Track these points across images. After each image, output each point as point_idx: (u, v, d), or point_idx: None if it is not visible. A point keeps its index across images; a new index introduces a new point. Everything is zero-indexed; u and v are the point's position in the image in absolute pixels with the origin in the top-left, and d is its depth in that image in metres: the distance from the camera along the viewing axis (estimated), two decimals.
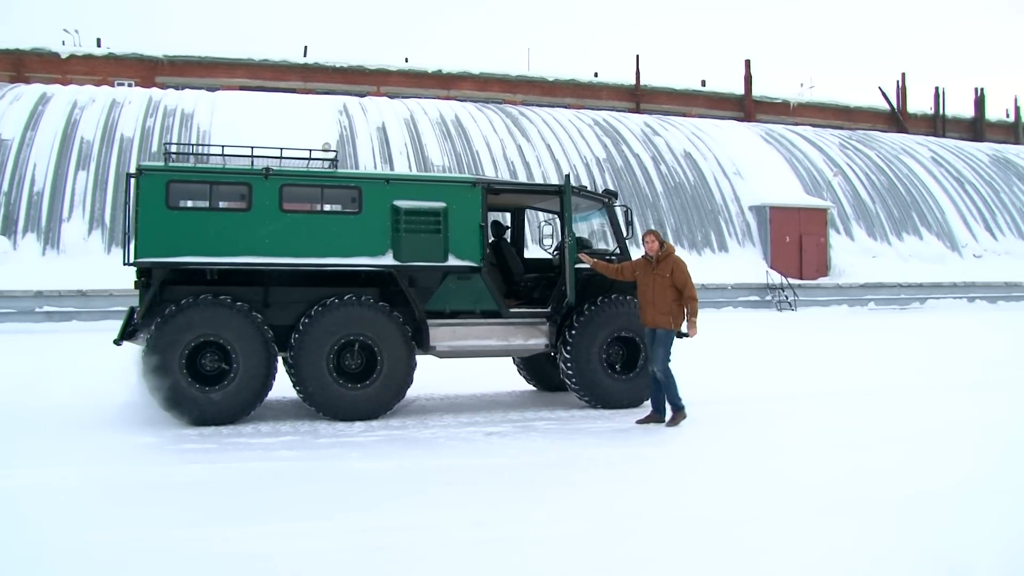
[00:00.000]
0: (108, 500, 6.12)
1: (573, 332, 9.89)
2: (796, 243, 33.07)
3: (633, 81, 51.33)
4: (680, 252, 11.27)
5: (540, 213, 12.67)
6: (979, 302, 32.90)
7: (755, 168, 36.37)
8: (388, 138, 32.25)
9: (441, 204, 9.57)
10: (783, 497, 6.10)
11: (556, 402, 10.48)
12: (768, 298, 30.27)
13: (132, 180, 9.06)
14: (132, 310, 9.51)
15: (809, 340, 17.33)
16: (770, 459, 7.42)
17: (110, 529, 5.32)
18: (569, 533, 5.24)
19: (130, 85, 39.24)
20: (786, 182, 36.22)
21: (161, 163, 9.33)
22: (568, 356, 9.88)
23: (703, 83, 54.04)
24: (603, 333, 9.96)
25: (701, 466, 7.13)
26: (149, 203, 8.75)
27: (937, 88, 57.95)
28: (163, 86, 38.19)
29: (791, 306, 29.88)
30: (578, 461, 7.34)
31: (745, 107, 52.42)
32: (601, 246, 10.86)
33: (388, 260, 9.34)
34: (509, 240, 11.84)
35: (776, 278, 30.85)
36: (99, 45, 44.33)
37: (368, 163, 30.64)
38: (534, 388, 11.83)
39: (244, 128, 29.97)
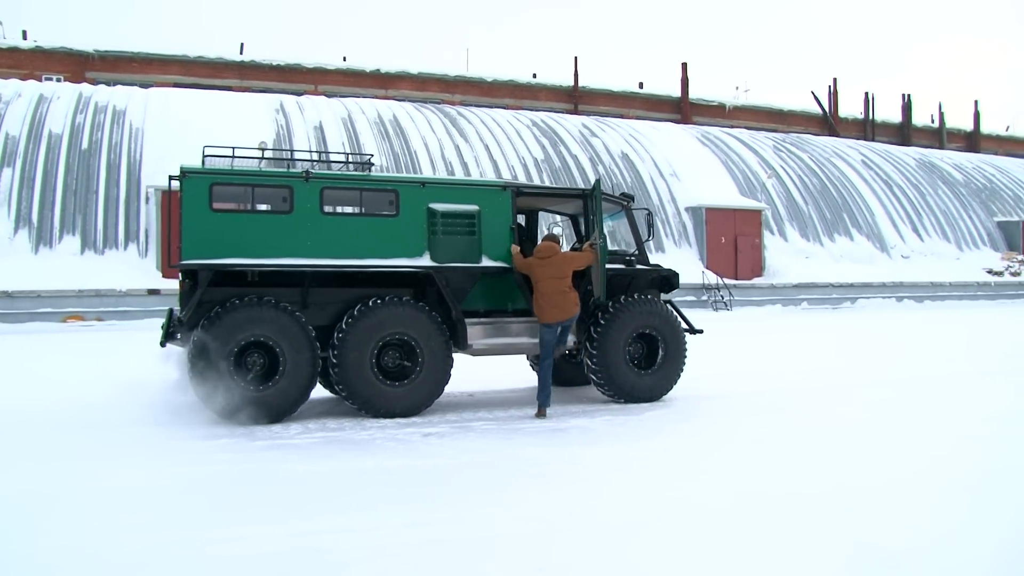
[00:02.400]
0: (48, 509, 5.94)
1: (599, 330, 10.20)
2: (731, 244, 33.58)
3: (571, 82, 51.62)
4: None
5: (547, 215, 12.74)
6: (907, 301, 33.79)
7: (691, 169, 36.86)
8: (325, 137, 31.94)
9: (474, 207, 9.83)
10: (716, 495, 6.16)
11: (493, 402, 10.47)
12: (704, 298, 30.67)
13: (175, 183, 9.05)
14: (171, 312, 9.56)
15: (745, 341, 17.60)
16: (704, 459, 7.50)
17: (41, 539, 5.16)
18: (506, 534, 5.23)
19: (59, 80, 38.19)
20: (722, 184, 36.78)
21: (199, 166, 9.34)
22: (594, 353, 10.19)
23: (640, 85, 54.59)
24: (627, 330, 10.31)
25: (635, 466, 7.16)
26: (193, 205, 8.80)
27: (867, 94, 59.42)
28: (94, 82, 37.23)
29: (727, 306, 30.31)
30: (515, 461, 7.33)
31: (682, 109, 53.09)
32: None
33: (425, 261, 9.55)
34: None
35: (712, 278, 31.28)
36: (25, 38, 43.17)
37: (305, 163, 30.25)
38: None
39: (179, 126, 29.44)
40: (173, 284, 24.36)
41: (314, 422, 9.07)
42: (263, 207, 9.31)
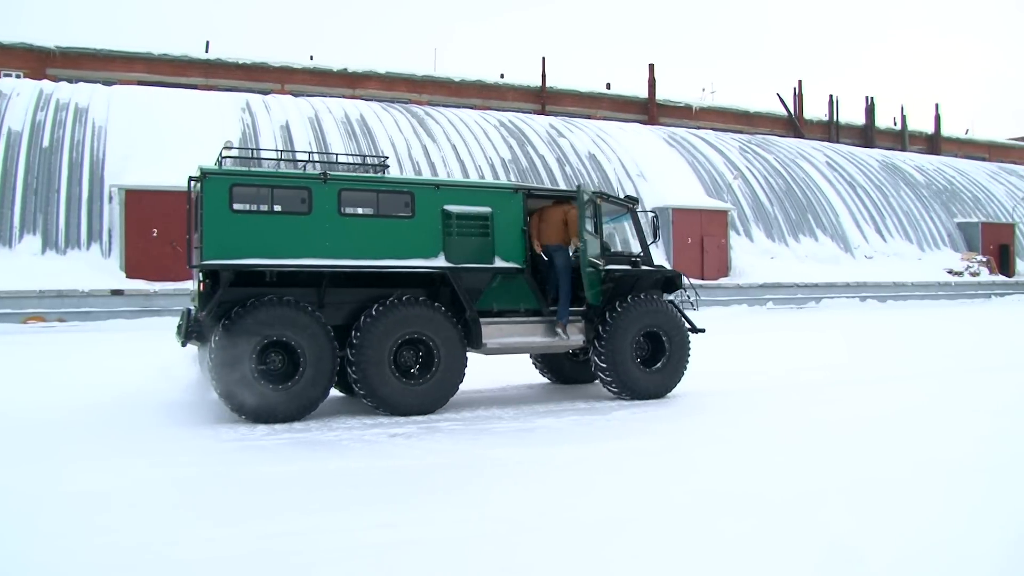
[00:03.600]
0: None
1: (607, 329, 10.46)
2: (698, 244, 33.77)
3: (539, 83, 51.72)
4: None
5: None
6: (870, 301, 34.18)
7: (658, 170, 37.03)
8: (292, 137, 31.72)
9: (487, 209, 10.07)
10: (684, 495, 6.20)
11: (461, 403, 10.44)
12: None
13: (196, 183, 9.10)
14: (189, 311, 9.57)
15: (713, 341, 17.67)
16: (671, 459, 7.54)
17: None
18: (475, 534, 5.22)
19: (18, 76, 37.58)
20: (688, 184, 36.98)
21: (215, 167, 9.39)
22: (602, 351, 10.45)
23: (608, 86, 54.83)
24: (634, 329, 10.58)
25: (603, 466, 7.18)
26: (214, 206, 8.85)
27: (831, 96, 60.10)
28: (55, 78, 36.65)
29: (693, 306, 30.30)
30: (482, 461, 7.33)
31: (649, 110, 53.37)
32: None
33: (441, 262, 9.74)
34: None
35: None
36: None
37: (271, 162, 29.99)
38: (548, 381, 12.46)
39: (143, 125, 29.10)
40: (137, 284, 24.11)
41: (280, 423, 9.00)
42: (282, 208, 9.41)
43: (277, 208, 9.35)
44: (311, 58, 48.09)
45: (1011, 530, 5.32)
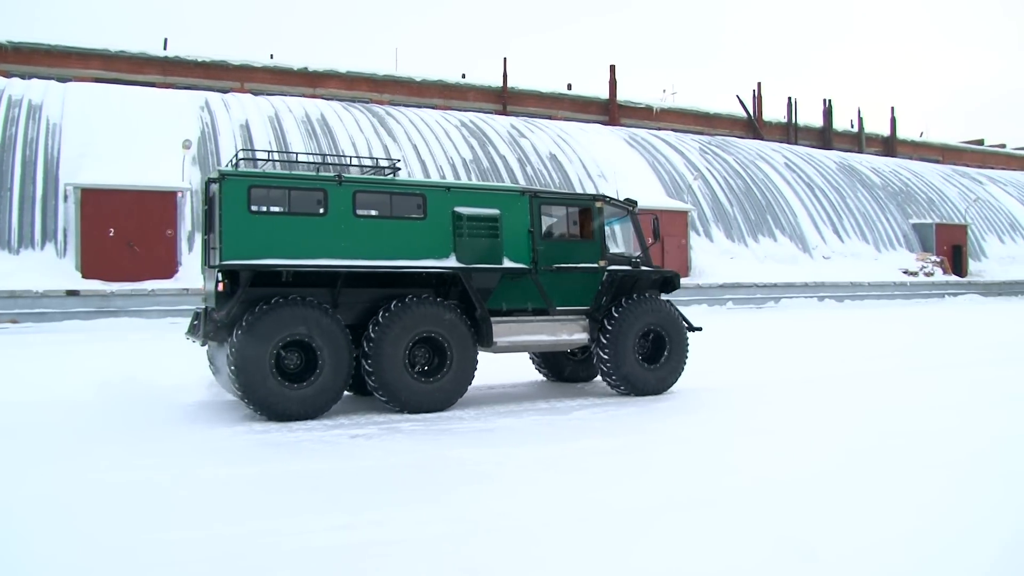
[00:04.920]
0: None
1: (610, 327, 10.79)
2: (658, 244, 33.95)
3: (500, 83, 51.75)
4: None
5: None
6: (828, 301, 34.64)
7: (619, 171, 37.18)
8: (252, 136, 31.44)
9: (496, 211, 10.30)
10: (641, 496, 6.25)
11: None
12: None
13: (213, 185, 9.16)
14: (207, 311, 9.65)
15: None
16: (632, 459, 7.59)
17: None
18: (434, 535, 5.23)
19: None
20: (649, 185, 37.22)
21: (232, 168, 9.50)
22: (606, 349, 10.78)
23: (569, 87, 55.00)
24: (636, 327, 10.92)
25: (562, 466, 7.21)
26: (232, 207, 8.99)
27: (790, 98, 60.83)
28: (7, 74, 35.94)
29: None
30: (443, 462, 7.33)
31: (610, 111, 53.61)
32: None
33: (452, 263, 9.97)
34: None
35: None
36: None
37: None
38: (544, 379, 12.73)
39: (99, 123, 28.69)
40: (93, 285, 23.74)
41: (241, 424, 8.94)
42: (299, 209, 9.47)
43: (294, 209, 9.45)
44: (271, 57, 47.77)
45: (961, 522, 5.44)
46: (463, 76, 51.66)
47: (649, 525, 5.46)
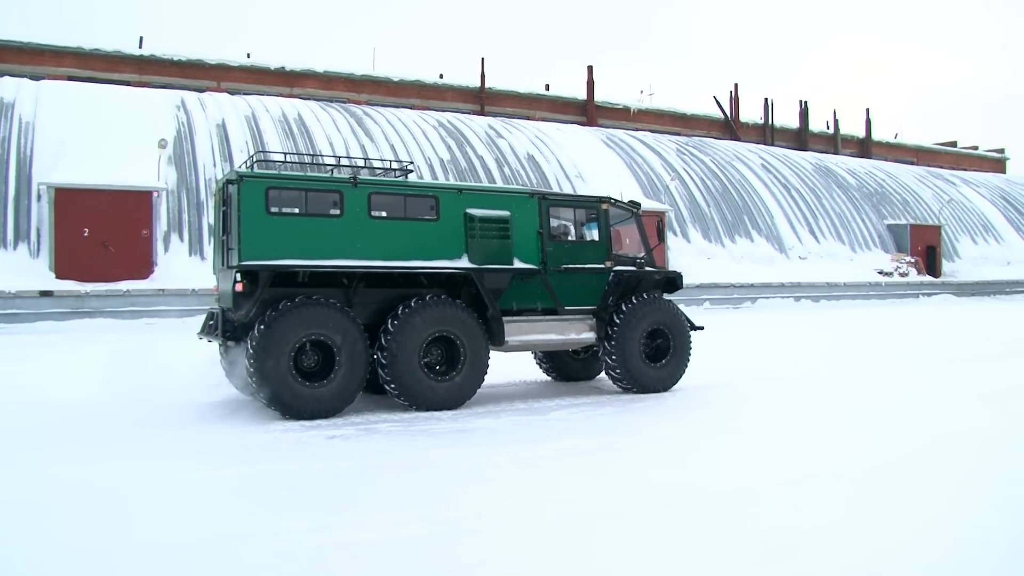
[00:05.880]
0: None
1: (616, 326, 11.04)
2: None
3: (478, 83, 51.71)
4: None
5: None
6: (804, 301, 34.88)
7: (596, 171, 37.30)
8: (228, 135, 31.25)
9: (506, 212, 10.49)
10: (622, 496, 6.26)
11: (399, 403, 10.42)
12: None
13: (231, 186, 9.25)
14: (224, 312, 9.84)
15: None
16: (610, 459, 7.60)
17: None
18: (411, 535, 5.22)
19: None
20: (626, 185, 37.28)
21: (249, 170, 9.59)
22: (612, 347, 11.04)
23: (547, 87, 55.01)
24: (642, 326, 11.20)
25: (541, 467, 7.21)
26: (250, 209, 9.11)
27: (766, 99, 61.15)
28: None
29: None
30: (421, 463, 7.31)
31: (587, 112, 53.70)
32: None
33: (464, 263, 10.17)
34: None
35: None
36: None
37: (207, 161, 29.55)
38: (549, 379, 12.87)
39: (73, 121, 28.39)
40: (67, 286, 23.51)
41: (217, 425, 8.88)
42: (315, 210, 9.58)
43: (311, 211, 9.52)
44: (248, 56, 47.45)
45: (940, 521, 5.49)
46: (441, 76, 51.58)
47: (626, 526, 5.47)
